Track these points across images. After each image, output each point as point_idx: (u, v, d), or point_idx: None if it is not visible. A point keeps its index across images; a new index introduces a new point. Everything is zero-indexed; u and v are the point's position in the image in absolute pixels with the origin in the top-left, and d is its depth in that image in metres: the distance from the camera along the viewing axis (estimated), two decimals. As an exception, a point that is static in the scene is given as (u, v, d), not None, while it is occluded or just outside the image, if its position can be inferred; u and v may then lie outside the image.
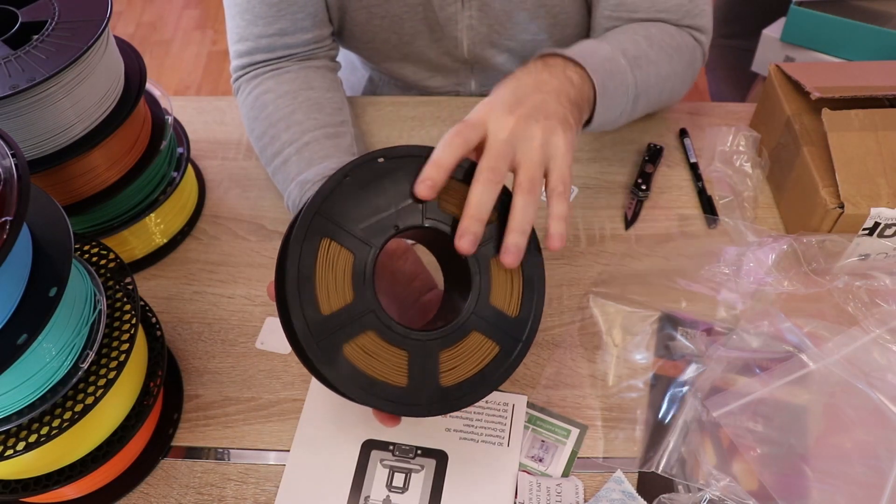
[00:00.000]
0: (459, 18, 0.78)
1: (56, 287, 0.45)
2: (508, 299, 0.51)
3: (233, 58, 0.78)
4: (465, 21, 0.78)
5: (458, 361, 0.49)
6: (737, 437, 0.57)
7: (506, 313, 0.50)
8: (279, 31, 0.75)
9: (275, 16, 0.74)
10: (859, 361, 0.59)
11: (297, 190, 0.68)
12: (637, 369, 0.63)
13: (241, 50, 0.77)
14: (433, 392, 0.48)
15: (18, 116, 0.56)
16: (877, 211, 0.63)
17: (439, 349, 0.49)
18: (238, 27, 0.77)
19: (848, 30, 0.91)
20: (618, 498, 0.55)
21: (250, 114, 0.76)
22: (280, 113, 0.73)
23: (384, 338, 0.48)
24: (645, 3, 0.73)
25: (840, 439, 0.56)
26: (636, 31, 0.72)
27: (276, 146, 0.72)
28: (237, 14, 0.76)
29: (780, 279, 0.65)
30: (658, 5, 0.73)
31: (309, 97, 0.74)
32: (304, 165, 0.69)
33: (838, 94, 0.68)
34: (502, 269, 0.50)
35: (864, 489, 0.53)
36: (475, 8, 0.77)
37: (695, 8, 0.75)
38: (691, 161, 0.79)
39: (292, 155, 0.70)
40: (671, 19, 0.74)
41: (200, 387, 0.64)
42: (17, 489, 0.53)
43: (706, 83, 1.49)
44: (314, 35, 0.77)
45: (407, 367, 0.48)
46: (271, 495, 0.57)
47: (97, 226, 0.67)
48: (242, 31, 0.76)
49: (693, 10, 0.75)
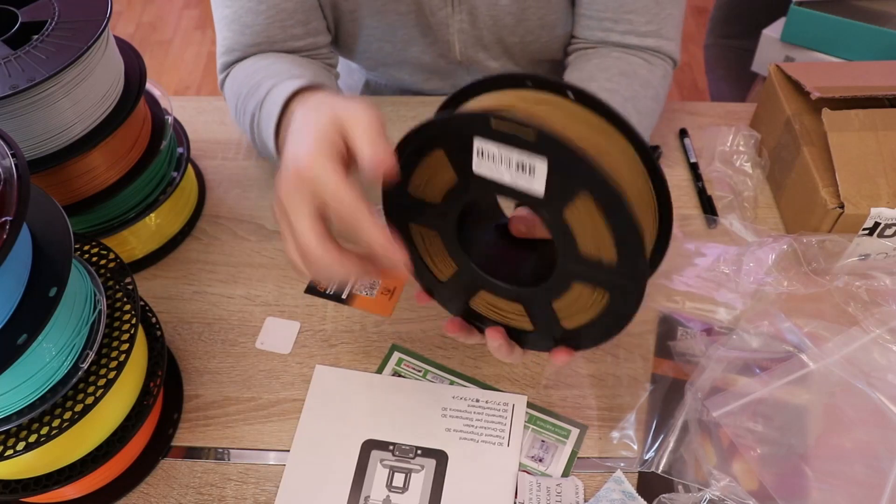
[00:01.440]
0: (451, 22, 0.78)
1: (56, 287, 0.45)
2: (599, 247, 0.44)
3: (220, 68, 0.78)
4: (457, 25, 0.78)
5: (573, 309, 0.48)
6: (737, 437, 0.57)
7: (602, 261, 0.45)
8: (268, 40, 0.74)
9: (263, 24, 0.73)
10: (859, 361, 0.59)
11: (286, 90, 0.61)
12: (637, 369, 0.63)
13: (230, 60, 0.76)
14: (561, 333, 0.50)
15: (18, 116, 0.56)
16: (877, 211, 0.63)
17: (550, 300, 0.49)
18: (226, 39, 0.75)
19: (848, 30, 0.91)
20: (618, 498, 0.55)
21: (232, 89, 0.73)
22: (260, 66, 0.70)
23: (498, 294, 0.51)
24: (613, 4, 0.73)
25: (840, 439, 0.56)
26: (618, 91, 0.71)
27: (256, 94, 0.67)
28: (225, 27, 0.75)
29: (780, 279, 0.65)
30: (626, 6, 0.73)
31: (294, 59, 0.73)
32: (289, 85, 0.62)
33: (838, 94, 0.68)
34: (581, 219, 0.44)
35: (864, 489, 0.53)
36: (465, 12, 0.77)
37: (664, 28, 0.74)
38: (691, 161, 0.79)
39: (275, 86, 0.64)
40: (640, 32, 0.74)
41: (200, 387, 0.64)
42: (17, 489, 0.53)
43: (706, 83, 1.49)
44: (306, 43, 0.76)
45: (528, 315, 0.51)
46: (271, 495, 0.57)
47: (97, 226, 0.67)
48: (231, 42, 0.75)
49: (662, 29, 0.74)
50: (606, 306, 0.47)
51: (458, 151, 0.45)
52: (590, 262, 0.45)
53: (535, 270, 0.51)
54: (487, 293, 0.52)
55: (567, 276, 0.47)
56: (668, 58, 0.76)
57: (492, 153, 0.43)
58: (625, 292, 0.45)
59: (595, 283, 0.46)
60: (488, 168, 0.44)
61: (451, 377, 0.63)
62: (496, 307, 0.53)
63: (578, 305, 0.48)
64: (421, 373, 0.64)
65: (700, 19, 2.33)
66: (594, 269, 0.45)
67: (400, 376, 0.63)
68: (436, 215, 0.50)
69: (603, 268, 0.45)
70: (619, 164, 0.45)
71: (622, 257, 0.43)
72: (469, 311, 0.55)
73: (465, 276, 0.52)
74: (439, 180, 0.47)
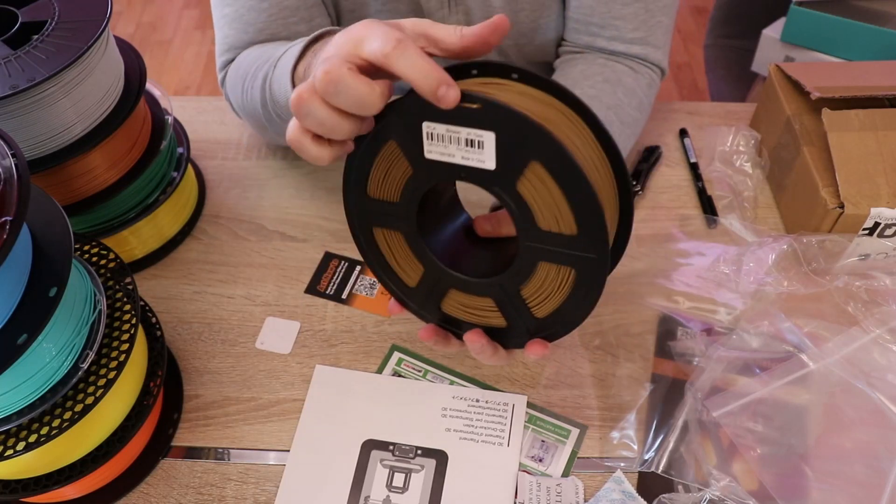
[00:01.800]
0: (448, 23, 0.78)
1: (56, 287, 0.45)
2: (557, 219, 0.44)
3: (220, 66, 0.77)
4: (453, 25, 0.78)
5: (542, 294, 0.48)
6: (737, 437, 0.57)
7: (563, 234, 0.44)
8: (271, 38, 0.73)
9: (266, 21, 0.72)
10: (859, 361, 0.59)
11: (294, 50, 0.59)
12: (637, 369, 0.63)
13: (231, 58, 0.75)
14: (534, 325, 0.50)
15: (18, 116, 0.56)
16: (877, 211, 0.63)
17: (518, 287, 0.48)
18: (228, 37, 0.74)
19: (848, 30, 0.91)
20: (618, 498, 0.55)
21: (237, 74, 0.71)
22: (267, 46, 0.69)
23: (467, 291, 0.51)
24: (601, 8, 0.73)
25: (840, 439, 0.56)
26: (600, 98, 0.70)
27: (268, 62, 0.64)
28: (226, 25, 0.74)
29: (780, 279, 0.65)
30: (614, 12, 0.73)
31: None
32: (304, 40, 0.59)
33: (838, 94, 0.68)
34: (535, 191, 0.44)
35: (864, 489, 0.53)
36: (461, 13, 0.77)
37: (651, 36, 0.74)
38: (691, 161, 0.79)
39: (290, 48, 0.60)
40: (626, 38, 0.73)
41: (200, 387, 0.64)
42: (17, 489, 0.53)
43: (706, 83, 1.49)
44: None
45: (499, 309, 0.51)
46: (271, 495, 0.57)
47: (97, 226, 0.67)
48: (233, 40, 0.74)
49: (650, 37, 0.74)
50: (574, 285, 0.46)
51: (409, 140, 0.45)
52: (551, 236, 0.45)
53: (500, 263, 0.51)
54: (457, 292, 0.52)
55: (531, 256, 0.46)
56: (656, 66, 0.76)
57: (440, 134, 0.43)
58: (590, 265, 0.45)
59: (559, 260, 0.46)
60: (439, 151, 0.44)
61: (451, 377, 0.63)
62: (467, 306, 0.53)
63: (547, 289, 0.48)
64: (421, 373, 0.64)
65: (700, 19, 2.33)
66: (556, 244, 0.45)
67: (400, 376, 0.63)
68: (397, 215, 0.50)
69: (564, 240, 0.44)
70: (570, 134, 0.45)
71: (582, 227, 0.43)
72: (442, 315, 0.55)
73: (433, 276, 0.52)
74: (395, 174, 0.47)
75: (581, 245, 0.44)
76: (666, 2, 0.73)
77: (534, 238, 0.45)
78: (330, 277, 0.71)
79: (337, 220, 0.76)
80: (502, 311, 0.51)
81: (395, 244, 0.52)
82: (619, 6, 0.72)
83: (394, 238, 0.52)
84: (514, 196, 0.44)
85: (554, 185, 0.42)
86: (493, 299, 0.51)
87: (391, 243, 0.52)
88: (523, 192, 0.43)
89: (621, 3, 0.72)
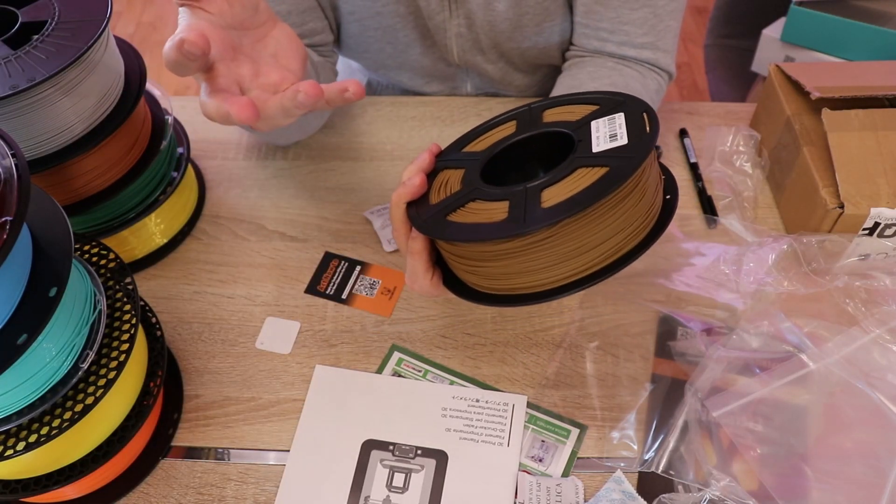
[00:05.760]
0: (448, 26, 0.78)
1: (56, 287, 0.45)
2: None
3: None
4: (454, 29, 0.78)
5: (560, 191, 0.47)
6: (737, 437, 0.57)
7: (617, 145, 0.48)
8: None
9: None
10: (859, 361, 0.59)
11: None
12: (637, 369, 0.63)
13: None
14: (537, 214, 0.46)
15: (18, 116, 0.56)
16: (877, 211, 0.63)
17: (542, 189, 0.48)
18: None
19: (848, 30, 0.91)
20: (618, 498, 0.55)
21: None
22: None
23: (489, 199, 0.50)
24: (610, 14, 0.73)
25: (840, 439, 0.56)
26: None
27: None
28: None
29: (780, 279, 0.65)
30: (623, 17, 0.73)
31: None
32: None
33: (838, 94, 0.68)
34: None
35: (864, 489, 0.53)
36: (462, 16, 0.77)
37: (660, 40, 0.74)
38: (691, 161, 0.79)
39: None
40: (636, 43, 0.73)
41: (200, 387, 0.64)
42: (17, 489, 0.53)
43: (706, 83, 1.49)
44: (305, 42, 0.75)
45: (508, 209, 0.49)
46: (271, 495, 0.57)
47: (97, 226, 0.67)
48: None
49: (659, 41, 0.74)
50: (598, 179, 0.46)
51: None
52: (604, 153, 0.48)
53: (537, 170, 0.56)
54: (476, 202, 0.51)
55: (575, 164, 0.48)
56: (664, 72, 0.76)
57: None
58: (626, 161, 0.46)
59: (600, 164, 0.47)
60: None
61: (451, 377, 0.63)
62: (477, 211, 0.51)
63: (569, 186, 0.47)
64: (421, 373, 0.64)
65: (700, 19, 2.33)
66: (607, 155, 0.48)
67: (400, 376, 0.63)
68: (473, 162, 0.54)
69: (615, 150, 0.48)
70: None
71: (633, 138, 0.48)
72: (444, 221, 0.53)
73: (464, 191, 0.52)
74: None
75: (627, 149, 0.47)
76: (674, 6, 0.73)
77: (587, 156, 0.48)
78: (330, 277, 0.71)
79: (337, 220, 0.76)
80: (512, 209, 0.49)
81: (452, 179, 0.54)
82: (628, 11, 0.72)
83: (455, 174, 0.54)
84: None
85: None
86: (507, 201, 0.49)
87: (450, 178, 0.54)
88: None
89: (629, 8, 0.72)
